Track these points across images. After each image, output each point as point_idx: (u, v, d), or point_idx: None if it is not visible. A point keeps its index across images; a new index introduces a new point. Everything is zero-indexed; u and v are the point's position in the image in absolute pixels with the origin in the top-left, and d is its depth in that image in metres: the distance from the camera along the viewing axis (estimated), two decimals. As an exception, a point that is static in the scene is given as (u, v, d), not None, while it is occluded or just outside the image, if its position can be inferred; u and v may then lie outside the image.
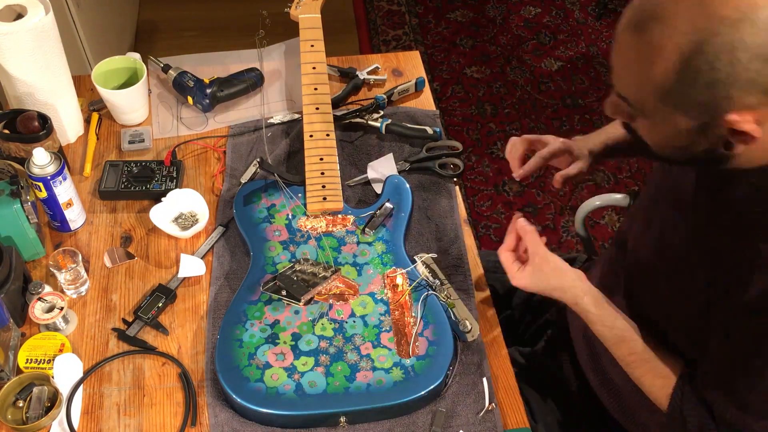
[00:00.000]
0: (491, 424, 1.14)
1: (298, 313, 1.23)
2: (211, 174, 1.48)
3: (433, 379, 1.15)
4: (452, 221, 1.39)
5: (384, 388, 1.14)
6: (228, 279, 1.31)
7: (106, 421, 1.15)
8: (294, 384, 1.14)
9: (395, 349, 1.18)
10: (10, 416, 1.13)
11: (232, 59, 1.68)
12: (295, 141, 1.50)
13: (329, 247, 1.32)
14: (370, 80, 1.64)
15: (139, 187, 1.42)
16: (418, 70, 1.68)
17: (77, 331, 1.26)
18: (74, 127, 1.52)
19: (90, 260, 1.35)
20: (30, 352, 1.20)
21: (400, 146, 1.51)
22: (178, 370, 1.21)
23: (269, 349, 1.18)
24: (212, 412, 1.15)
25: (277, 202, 1.38)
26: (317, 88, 1.47)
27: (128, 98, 1.51)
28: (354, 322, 1.22)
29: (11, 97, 1.45)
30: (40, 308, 1.22)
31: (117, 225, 1.40)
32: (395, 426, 1.13)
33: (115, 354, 1.22)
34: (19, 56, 1.36)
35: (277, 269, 1.28)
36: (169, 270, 1.34)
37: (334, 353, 1.18)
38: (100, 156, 1.50)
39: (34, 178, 1.27)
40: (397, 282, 1.27)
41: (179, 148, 1.51)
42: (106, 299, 1.30)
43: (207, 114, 1.58)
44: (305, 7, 1.58)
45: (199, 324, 1.26)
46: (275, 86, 1.64)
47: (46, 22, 1.35)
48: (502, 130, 2.79)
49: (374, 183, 1.45)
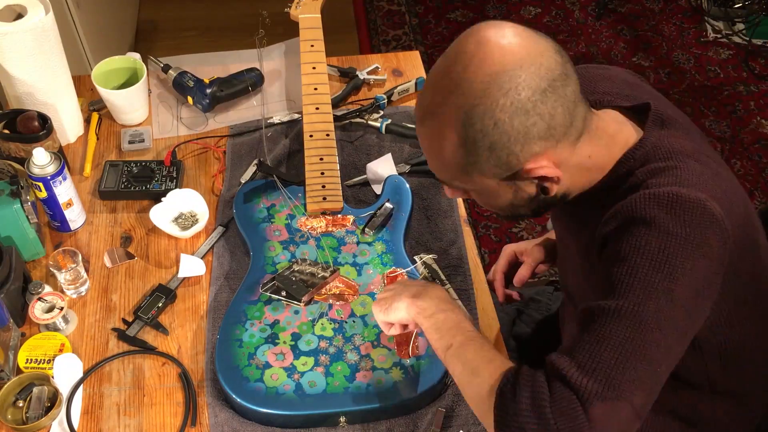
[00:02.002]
0: (491, 424, 1.14)
1: (297, 313, 1.23)
2: (211, 174, 1.48)
3: (433, 379, 1.15)
4: (452, 221, 1.39)
5: (384, 388, 1.14)
6: (228, 279, 1.31)
7: (106, 421, 1.15)
8: (294, 384, 1.14)
9: (395, 349, 1.18)
10: (10, 416, 1.13)
11: (232, 59, 1.68)
12: (294, 141, 1.50)
13: (329, 247, 1.32)
14: (370, 80, 1.65)
15: (139, 187, 1.42)
16: (418, 70, 1.68)
17: (77, 331, 1.26)
18: (74, 127, 1.52)
19: (90, 260, 1.35)
20: (30, 352, 1.20)
21: (400, 146, 1.51)
22: (178, 370, 1.21)
23: (269, 349, 1.18)
24: (212, 412, 1.15)
25: (277, 202, 1.38)
26: (317, 88, 1.47)
27: (128, 98, 1.51)
28: (354, 322, 1.22)
29: (11, 97, 1.45)
30: (40, 308, 1.22)
31: (117, 225, 1.40)
32: (395, 426, 1.14)
33: (115, 354, 1.22)
34: (19, 56, 1.36)
35: (277, 269, 1.28)
36: (169, 270, 1.34)
37: (334, 353, 1.18)
38: (100, 156, 1.50)
39: (34, 178, 1.27)
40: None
41: (179, 148, 1.51)
42: (106, 299, 1.30)
43: (207, 114, 1.58)
44: (305, 7, 1.58)
45: (199, 324, 1.27)
46: (275, 86, 1.64)
47: (46, 22, 1.35)
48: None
49: (373, 184, 1.45)
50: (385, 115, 1.55)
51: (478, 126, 0.89)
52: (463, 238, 1.37)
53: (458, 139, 0.91)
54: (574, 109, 0.92)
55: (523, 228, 2.51)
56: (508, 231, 2.50)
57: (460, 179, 0.98)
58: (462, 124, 0.90)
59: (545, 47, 0.91)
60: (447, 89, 0.91)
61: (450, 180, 1.00)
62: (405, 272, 1.27)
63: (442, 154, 0.95)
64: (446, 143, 0.93)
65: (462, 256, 1.34)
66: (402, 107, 1.59)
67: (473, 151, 0.91)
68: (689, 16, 3.23)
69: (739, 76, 2.98)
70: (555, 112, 0.89)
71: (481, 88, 0.88)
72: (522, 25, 0.93)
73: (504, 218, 1.16)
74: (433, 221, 1.39)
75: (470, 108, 0.89)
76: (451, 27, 3.18)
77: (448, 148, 0.93)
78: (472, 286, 1.31)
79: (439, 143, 0.94)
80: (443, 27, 3.19)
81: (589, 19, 3.23)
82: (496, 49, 0.89)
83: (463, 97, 0.89)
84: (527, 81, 0.87)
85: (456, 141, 0.92)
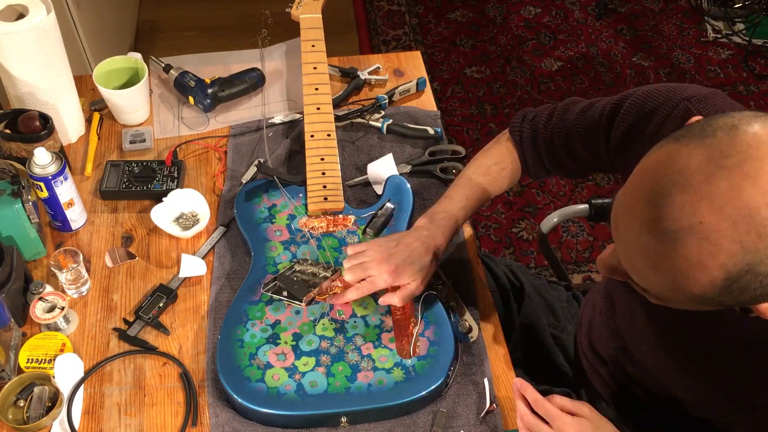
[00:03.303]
0: (492, 424, 1.14)
1: (299, 313, 1.23)
2: (212, 174, 1.48)
3: (434, 380, 1.15)
4: (453, 221, 1.39)
5: (385, 389, 1.14)
6: (229, 279, 1.31)
7: (106, 421, 1.15)
8: (295, 384, 1.14)
9: (396, 350, 1.18)
10: (11, 416, 1.13)
11: (233, 59, 1.68)
12: (296, 141, 1.50)
13: (330, 247, 1.32)
14: (371, 80, 1.65)
15: (140, 187, 1.42)
16: (420, 70, 1.68)
17: (78, 330, 1.26)
18: (75, 126, 1.52)
19: (91, 260, 1.35)
20: (31, 351, 1.20)
21: (401, 146, 1.52)
22: (179, 370, 1.21)
23: (270, 349, 1.18)
24: (213, 412, 1.15)
25: (278, 202, 1.38)
26: (318, 88, 1.47)
27: (129, 98, 1.51)
28: (355, 323, 1.22)
29: (12, 96, 1.45)
30: (41, 308, 1.22)
31: (118, 225, 1.40)
32: (396, 426, 1.14)
33: (116, 354, 1.22)
34: (20, 56, 1.36)
35: (278, 269, 1.28)
36: (170, 270, 1.34)
37: (335, 353, 1.18)
38: (102, 156, 1.51)
39: (35, 177, 1.27)
40: (398, 282, 1.27)
41: (180, 148, 1.51)
42: (107, 299, 1.30)
43: (208, 114, 1.58)
44: (306, 7, 1.58)
45: (200, 324, 1.27)
46: (276, 86, 1.64)
47: (47, 22, 1.35)
48: (502, 131, 2.79)
49: (374, 184, 1.45)
50: (387, 115, 1.55)
51: (762, 278, 0.69)
52: (464, 238, 1.37)
53: (724, 280, 0.71)
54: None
55: (523, 228, 2.51)
56: (508, 231, 2.50)
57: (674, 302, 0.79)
58: (741, 269, 0.69)
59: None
60: (732, 218, 0.68)
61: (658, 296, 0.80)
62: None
63: (683, 281, 0.73)
64: (701, 276, 0.71)
65: (462, 257, 1.34)
66: (403, 107, 1.59)
67: (734, 294, 0.72)
68: (689, 16, 3.23)
69: (739, 76, 2.98)
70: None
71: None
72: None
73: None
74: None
75: (764, 257, 0.68)
76: (451, 27, 3.19)
77: (700, 281, 0.72)
78: (474, 286, 1.31)
79: (689, 271, 0.72)
80: (443, 27, 3.19)
81: (589, 19, 3.23)
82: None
83: (760, 240, 0.67)
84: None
85: (719, 279, 0.71)
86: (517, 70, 3.01)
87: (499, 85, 2.95)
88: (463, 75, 2.99)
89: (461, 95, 2.92)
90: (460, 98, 2.91)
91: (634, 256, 0.77)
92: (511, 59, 3.05)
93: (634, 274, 0.79)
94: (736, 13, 3.11)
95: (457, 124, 2.81)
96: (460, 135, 2.77)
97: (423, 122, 1.55)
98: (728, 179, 0.67)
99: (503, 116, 2.84)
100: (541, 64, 3.03)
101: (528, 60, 3.05)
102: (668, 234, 0.71)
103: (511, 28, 3.16)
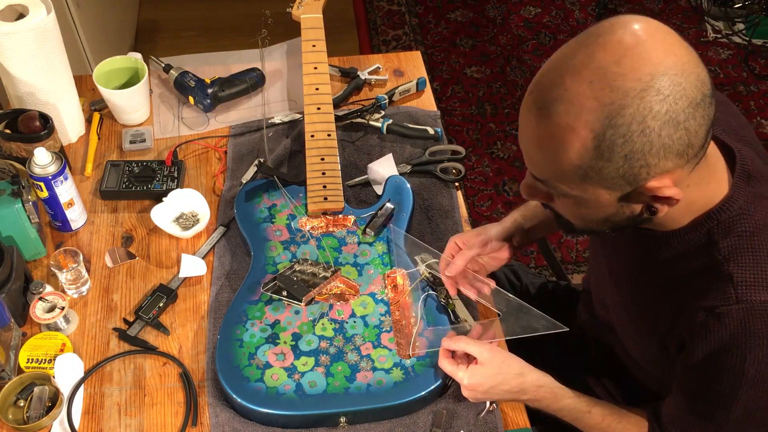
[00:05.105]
0: (492, 424, 1.14)
1: (298, 313, 1.23)
2: (212, 174, 1.48)
3: (434, 380, 1.15)
4: (453, 221, 1.40)
5: (384, 389, 1.14)
6: (229, 279, 1.31)
7: (107, 420, 1.16)
8: (294, 384, 1.14)
9: (395, 350, 1.18)
10: (11, 416, 1.13)
11: (233, 59, 1.68)
12: (296, 141, 1.50)
13: (330, 247, 1.32)
14: (372, 80, 1.65)
15: (140, 187, 1.42)
16: (420, 70, 1.68)
17: (78, 330, 1.26)
18: (75, 126, 1.52)
19: (91, 260, 1.35)
20: (31, 351, 1.20)
21: (401, 146, 1.52)
22: (179, 369, 1.21)
23: (269, 349, 1.18)
24: (213, 412, 1.15)
25: (278, 202, 1.38)
26: (318, 88, 1.47)
27: (129, 98, 1.51)
28: (354, 323, 1.22)
29: (13, 96, 1.45)
30: (41, 308, 1.22)
31: (118, 225, 1.40)
32: (396, 426, 1.14)
33: (116, 354, 1.22)
34: (20, 56, 1.36)
35: (278, 269, 1.28)
36: (170, 270, 1.34)
37: (335, 353, 1.18)
38: (102, 156, 1.51)
39: (35, 177, 1.27)
40: (397, 282, 1.27)
41: (180, 148, 1.51)
42: (107, 299, 1.30)
43: (208, 114, 1.58)
44: (307, 7, 1.58)
45: (200, 324, 1.27)
46: (276, 86, 1.64)
47: (47, 22, 1.35)
48: (502, 130, 2.80)
49: (374, 184, 1.45)
50: (387, 115, 1.55)
51: (623, 130, 0.78)
52: (464, 239, 1.37)
53: (592, 140, 0.80)
54: (710, 129, 0.83)
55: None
56: (508, 231, 2.50)
57: (568, 183, 0.86)
58: (603, 124, 0.79)
59: (697, 57, 0.81)
60: (588, 79, 0.79)
61: (552, 180, 0.88)
62: (406, 272, 1.28)
63: (560, 152, 0.83)
64: (573, 140, 0.81)
65: (463, 257, 1.34)
66: (403, 107, 1.59)
67: (606, 156, 0.80)
68: (689, 16, 3.23)
69: (739, 76, 2.98)
70: (699, 130, 0.81)
71: (637, 89, 0.77)
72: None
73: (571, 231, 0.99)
74: (434, 221, 1.40)
75: (619, 108, 0.78)
76: (451, 27, 3.18)
77: (573, 147, 0.81)
78: (473, 287, 1.31)
79: (562, 139, 0.82)
80: (443, 27, 3.19)
81: (589, 19, 3.23)
82: (660, 47, 0.78)
83: (613, 93, 0.78)
84: (687, 90, 0.78)
85: (588, 140, 0.80)
86: (517, 70, 3.01)
87: (499, 85, 2.95)
88: (463, 75, 2.99)
89: (461, 95, 2.92)
90: (460, 98, 2.91)
91: (526, 144, 0.87)
92: (511, 59, 3.05)
93: (529, 164, 0.89)
94: (736, 13, 3.11)
95: (457, 124, 2.81)
96: (460, 135, 2.77)
97: (423, 122, 1.55)
98: (585, 50, 0.80)
99: (503, 116, 2.84)
100: (542, 64, 3.02)
101: (528, 60, 3.05)
102: (543, 108, 0.82)
103: (511, 28, 3.16)
